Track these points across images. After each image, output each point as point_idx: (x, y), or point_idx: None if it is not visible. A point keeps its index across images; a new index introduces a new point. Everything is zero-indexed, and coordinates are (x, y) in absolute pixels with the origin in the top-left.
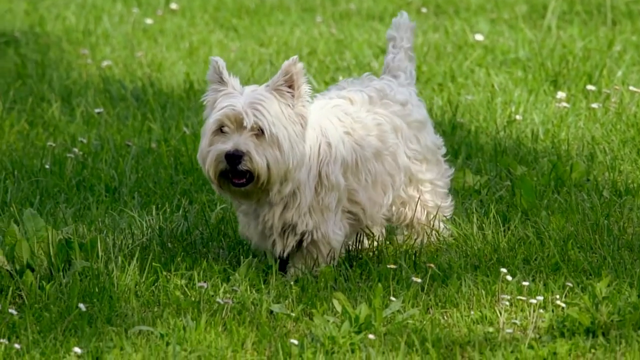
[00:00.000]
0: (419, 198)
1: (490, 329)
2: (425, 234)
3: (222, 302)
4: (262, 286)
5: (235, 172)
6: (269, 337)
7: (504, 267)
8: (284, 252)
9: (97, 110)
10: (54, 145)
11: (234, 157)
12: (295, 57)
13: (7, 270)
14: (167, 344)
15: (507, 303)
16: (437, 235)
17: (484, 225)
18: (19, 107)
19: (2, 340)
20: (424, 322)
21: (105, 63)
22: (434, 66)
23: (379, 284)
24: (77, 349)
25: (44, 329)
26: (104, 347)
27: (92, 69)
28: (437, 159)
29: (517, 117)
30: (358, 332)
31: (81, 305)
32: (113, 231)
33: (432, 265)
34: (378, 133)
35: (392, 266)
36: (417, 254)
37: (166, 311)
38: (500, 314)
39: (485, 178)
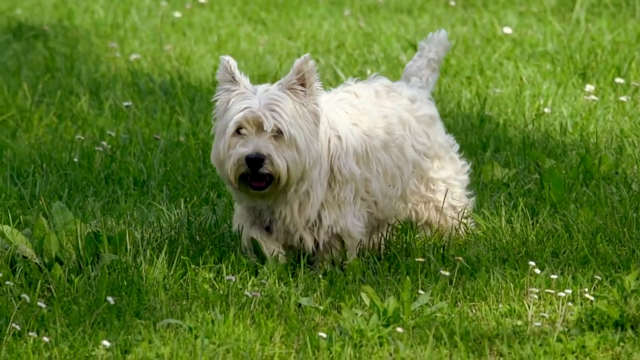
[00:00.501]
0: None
1: (519, 322)
2: (447, 230)
3: (250, 296)
4: (291, 279)
5: (255, 175)
6: (297, 331)
7: (532, 260)
8: (315, 247)
9: (125, 104)
10: (82, 138)
11: (255, 161)
12: (307, 55)
13: (36, 264)
14: (196, 337)
15: (536, 296)
16: (462, 229)
17: (512, 218)
18: (47, 101)
19: (31, 334)
20: (453, 315)
21: (133, 56)
22: (462, 59)
23: (408, 277)
24: (105, 342)
25: (73, 322)
26: (133, 340)
27: (120, 63)
28: (451, 157)
29: (546, 110)
30: (386, 326)
31: (110, 299)
32: (141, 224)
33: (460, 258)
34: (384, 125)
35: (421, 259)
36: (446, 248)
37: (194, 304)
38: (529, 307)
39: (514, 171)
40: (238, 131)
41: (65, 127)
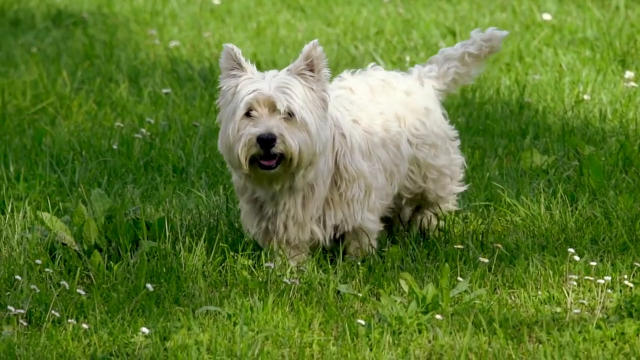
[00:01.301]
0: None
1: (558, 309)
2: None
3: (289, 282)
4: (329, 266)
5: (267, 155)
6: (336, 318)
7: (571, 247)
8: (325, 241)
9: (164, 91)
10: (121, 125)
11: (267, 141)
12: (316, 40)
13: (75, 251)
14: (234, 324)
15: (575, 283)
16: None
17: (551, 205)
18: (87, 88)
19: (70, 321)
20: (491, 302)
21: (172, 43)
22: (502, 46)
23: (446, 264)
24: (144, 329)
25: (112, 309)
26: (172, 327)
27: (159, 50)
28: (447, 148)
29: (585, 96)
30: (425, 313)
31: (149, 286)
32: (180, 211)
33: (499, 245)
34: (381, 122)
35: (459, 246)
36: (484, 234)
37: (233, 291)
38: (568, 294)
39: (553, 158)
40: (248, 114)
41: (104, 114)
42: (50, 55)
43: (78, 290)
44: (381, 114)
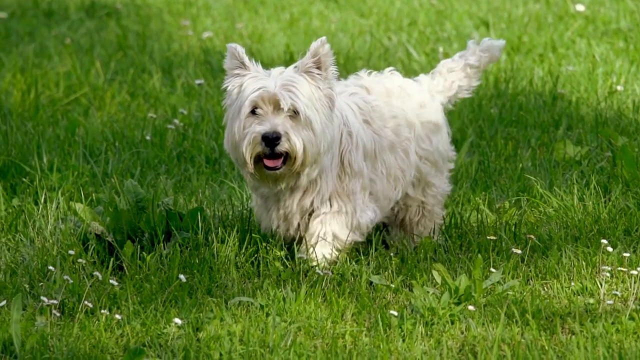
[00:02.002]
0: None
1: (591, 301)
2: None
3: (321, 273)
4: (362, 257)
5: (271, 154)
6: (368, 308)
7: (604, 238)
8: (296, 235)
9: (197, 82)
10: (154, 116)
11: (272, 139)
12: (324, 38)
13: (108, 241)
14: (267, 314)
15: (608, 274)
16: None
17: (584, 196)
18: (120, 79)
19: (103, 311)
20: (524, 293)
21: (206, 34)
22: (535, 37)
23: (479, 255)
24: (177, 320)
25: (145, 299)
26: (204, 318)
27: (192, 41)
28: (444, 168)
29: (619, 87)
30: (458, 304)
31: (181, 276)
32: (213, 202)
33: (532, 236)
34: (393, 126)
35: (492, 237)
36: (517, 226)
37: (266, 282)
38: (601, 285)
39: (586, 149)
40: (253, 112)
41: (137, 105)
42: (83, 47)
43: (111, 281)
44: (394, 118)
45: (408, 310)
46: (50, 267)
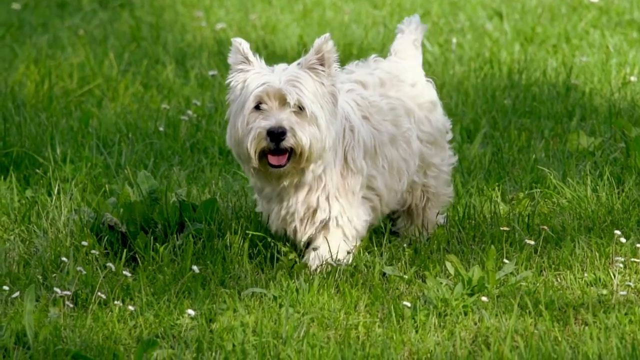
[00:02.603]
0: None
1: (604, 292)
2: (422, 226)
3: (334, 265)
4: (375, 248)
5: (276, 149)
6: (381, 300)
7: (618, 229)
8: (302, 239)
9: (211, 73)
10: (168, 107)
11: (277, 134)
12: (327, 34)
13: (121, 233)
14: (280, 306)
15: (621, 265)
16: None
17: (598, 187)
18: (133, 70)
19: (116, 302)
20: (537, 284)
21: (219, 26)
22: (549, 27)
23: (492, 247)
24: (190, 311)
25: (158, 291)
26: (217, 309)
27: (206, 32)
28: (444, 143)
29: (632, 78)
30: (471, 295)
31: (195, 268)
32: (226, 193)
33: (545, 227)
34: (392, 118)
35: (505, 228)
36: (531, 216)
37: (279, 273)
38: (614, 276)
39: (600, 140)
40: (257, 107)
41: (151, 96)
42: (97, 38)
43: (124, 272)
44: (392, 110)
45: (421, 301)
46: (64, 259)
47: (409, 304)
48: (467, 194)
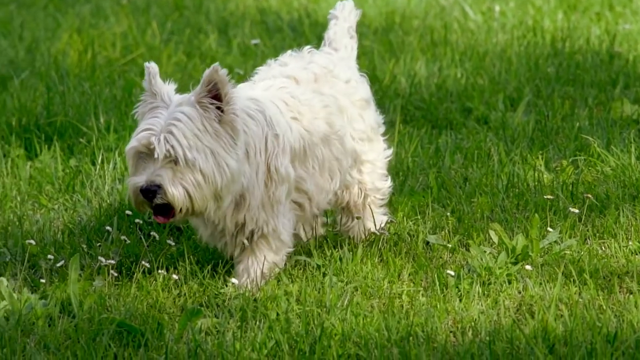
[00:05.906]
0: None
1: None
2: (361, 222)
3: (378, 233)
4: (419, 217)
5: (157, 206)
6: (425, 268)
7: None
8: (234, 253)
9: (253, 42)
10: None
11: (148, 192)
12: (216, 64)
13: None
14: (324, 274)
15: None
16: (375, 226)
17: None
18: (176, 39)
19: (160, 271)
20: (582, 253)
21: None
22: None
23: (536, 215)
24: (234, 280)
25: (202, 259)
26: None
27: (248, 1)
28: (377, 138)
29: None
30: (515, 263)
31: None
32: None
33: (589, 195)
34: (325, 116)
35: (549, 197)
36: (575, 185)
37: (323, 242)
38: None
39: None
40: (140, 155)
41: (193, 65)
42: (140, 7)
43: (168, 241)
44: (325, 107)
45: (465, 270)
46: (108, 228)
47: (452, 273)
48: (511, 162)
